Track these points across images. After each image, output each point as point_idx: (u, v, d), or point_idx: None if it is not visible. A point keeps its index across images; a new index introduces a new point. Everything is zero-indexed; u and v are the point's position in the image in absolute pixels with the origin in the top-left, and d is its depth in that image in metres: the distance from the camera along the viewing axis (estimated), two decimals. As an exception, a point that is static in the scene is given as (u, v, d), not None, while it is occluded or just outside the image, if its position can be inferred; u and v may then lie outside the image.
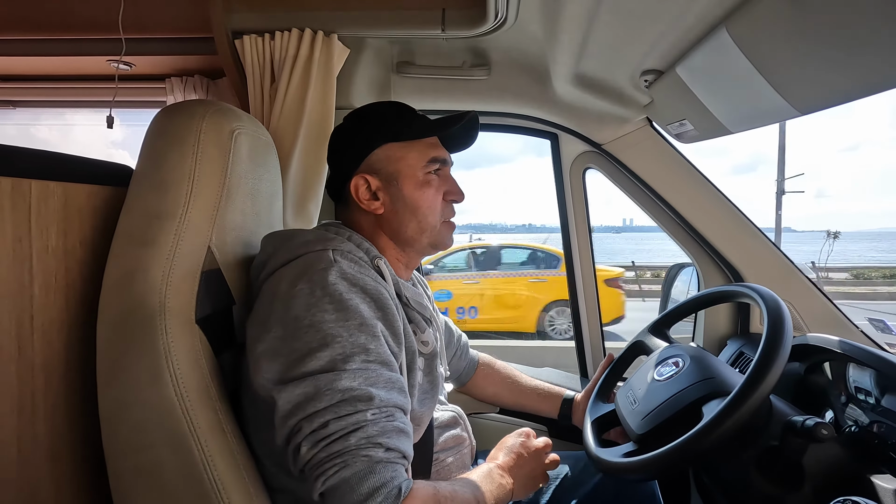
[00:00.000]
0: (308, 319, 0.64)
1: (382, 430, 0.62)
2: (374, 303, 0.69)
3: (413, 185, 0.81)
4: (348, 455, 0.60)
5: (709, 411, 0.74)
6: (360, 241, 0.79)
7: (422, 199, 0.82)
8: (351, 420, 0.61)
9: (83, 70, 1.45)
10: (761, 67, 0.76)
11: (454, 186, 0.87)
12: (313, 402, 0.61)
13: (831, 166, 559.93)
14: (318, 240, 0.74)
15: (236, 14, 1.15)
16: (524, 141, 38.65)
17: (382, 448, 0.61)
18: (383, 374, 0.65)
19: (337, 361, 0.63)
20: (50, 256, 0.67)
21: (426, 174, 0.82)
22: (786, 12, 0.65)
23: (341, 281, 0.67)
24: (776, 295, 0.82)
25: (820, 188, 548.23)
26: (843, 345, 0.91)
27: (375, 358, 0.65)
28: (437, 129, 0.83)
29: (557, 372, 1.49)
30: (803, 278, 1.26)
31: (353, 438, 0.60)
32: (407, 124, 0.83)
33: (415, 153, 0.82)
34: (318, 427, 0.61)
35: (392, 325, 0.70)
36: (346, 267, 0.70)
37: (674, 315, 1.07)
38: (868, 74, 0.65)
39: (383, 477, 0.60)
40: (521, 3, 1.00)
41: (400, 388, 0.68)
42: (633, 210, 1.48)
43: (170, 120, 0.74)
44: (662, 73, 1.04)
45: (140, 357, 0.65)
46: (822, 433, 0.71)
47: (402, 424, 0.65)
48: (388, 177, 0.82)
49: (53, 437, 0.68)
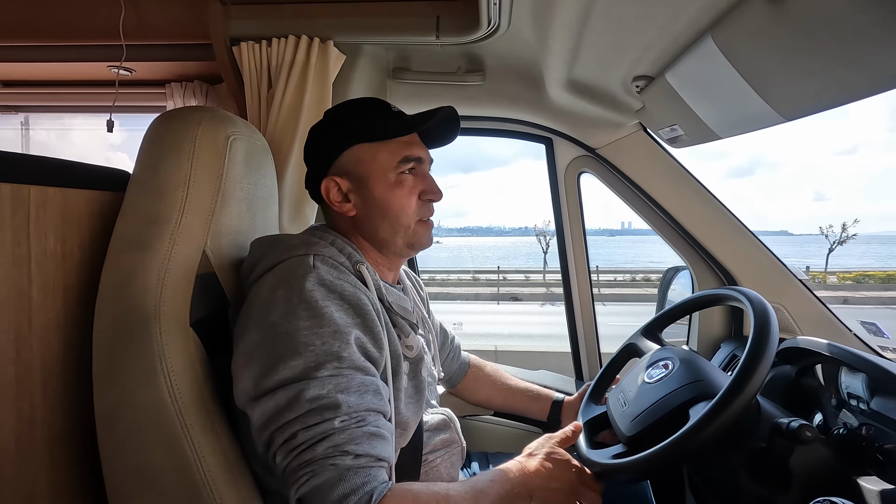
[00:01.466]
0: (284, 327, 0.65)
1: (350, 437, 0.62)
2: (353, 309, 0.70)
3: (384, 187, 0.80)
4: (316, 464, 0.60)
5: (695, 413, 0.75)
6: (343, 245, 0.79)
7: (393, 200, 0.80)
8: (318, 430, 0.61)
9: (84, 75, 1.48)
10: (746, 75, 0.77)
11: (430, 185, 0.84)
12: (284, 412, 0.62)
13: (829, 168, 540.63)
14: (301, 244, 0.75)
15: (234, 21, 1.17)
16: (522, 144, 39.37)
17: (350, 455, 0.61)
18: (355, 379, 0.65)
19: (309, 370, 0.63)
20: (48, 260, 0.68)
21: (398, 174, 0.80)
22: (769, 22, 0.66)
23: (318, 287, 0.68)
24: (763, 298, 0.83)
25: (818, 190, 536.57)
26: (833, 348, 0.92)
27: (349, 364, 0.65)
28: (409, 127, 0.81)
29: (552, 374, 1.49)
30: (796, 281, 1.27)
31: (319, 448, 0.61)
32: (379, 123, 0.81)
33: (385, 153, 0.80)
34: (289, 437, 0.62)
35: (371, 329, 0.71)
36: (325, 273, 0.70)
37: (665, 318, 1.08)
38: (850, 81, 0.66)
39: (353, 483, 0.60)
40: (513, 11, 1.02)
41: (374, 391, 0.67)
42: (632, 213, 1.48)
43: (166, 126, 0.75)
44: (653, 79, 1.06)
45: (135, 359, 0.67)
46: (807, 435, 0.72)
47: (376, 428, 0.65)
48: (358, 178, 0.80)
49: (51, 438, 0.69)
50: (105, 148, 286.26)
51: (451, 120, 0.86)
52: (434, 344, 0.98)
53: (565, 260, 1.54)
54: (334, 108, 0.87)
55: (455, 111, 0.84)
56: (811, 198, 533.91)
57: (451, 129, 0.88)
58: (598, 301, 1.62)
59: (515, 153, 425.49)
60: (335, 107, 0.87)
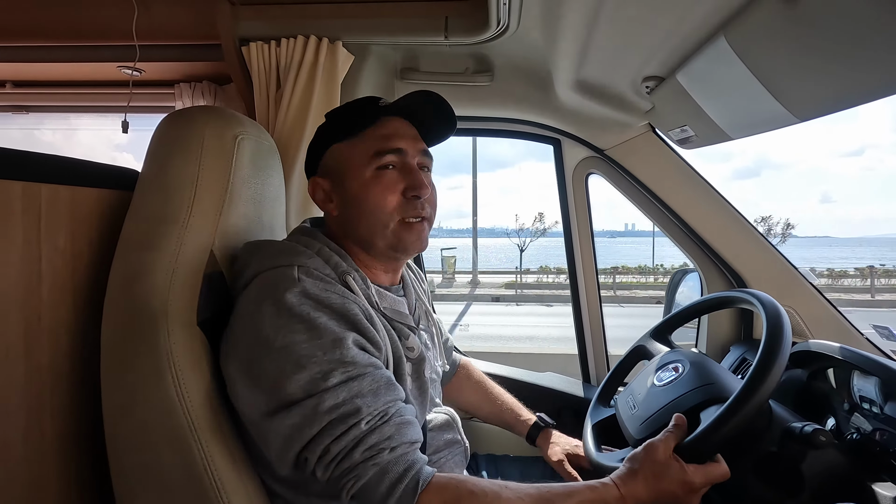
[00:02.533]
0: (279, 342, 0.63)
1: (381, 435, 0.63)
2: (343, 318, 0.68)
3: (358, 184, 0.76)
4: (359, 469, 0.62)
5: (706, 417, 0.75)
6: (330, 254, 0.76)
7: (368, 197, 0.75)
8: (349, 437, 0.62)
9: (95, 76, 1.49)
10: (759, 75, 0.76)
11: (414, 180, 0.76)
12: (304, 430, 0.62)
13: (836, 170, 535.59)
14: (284, 252, 0.73)
15: (244, 21, 1.18)
16: (525, 146, 38.74)
17: (386, 450, 0.63)
18: (365, 380, 0.65)
19: (317, 381, 0.62)
20: (58, 258, 0.69)
21: (375, 170, 0.76)
22: (782, 21, 0.65)
23: (306, 301, 0.66)
24: (776, 301, 0.82)
25: (825, 192, 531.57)
26: (846, 352, 0.91)
27: (355, 366, 0.65)
28: (376, 113, 0.77)
29: (560, 377, 1.49)
30: (806, 284, 1.26)
31: (356, 454, 0.62)
32: (356, 117, 0.79)
33: (360, 149, 0.77)
34: (322, 454, 0.62)
35: (366, 334, 0.69)
36: (310, 286, 0.68)
37: (675, 320, 1.07)
38: (865, 81, 0.65)
39: (396, 472, 0.62)
40: (522, 11, 1.01)
41: (386, 384, 0.67)
42: (635, 215, 1.48)
43: (174, 126, 0.76)
44: (663, 80, 1.05)
45: (143, 358, 0.67)
46: (821, 439, 0.71)
47: (400, 417, 0.66)
48: (337, 177, 0.79)
49: (59, 435, 0.70)
50: (110, 148, 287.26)
51: (442, 111, 0.81)
52: (437, 337, 0.96)
53: (573, 262, 1.53)
54: (332, 111, 0.86)
55: (437, 96, 0.79)
56: (818, 200, 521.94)
57: (446, 122, 0.83)
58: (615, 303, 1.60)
59: (518, 154, 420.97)
60: (332, 111, 0.86)
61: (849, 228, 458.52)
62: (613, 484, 0.69)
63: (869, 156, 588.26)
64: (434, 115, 0.82)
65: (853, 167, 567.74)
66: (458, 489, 0.64)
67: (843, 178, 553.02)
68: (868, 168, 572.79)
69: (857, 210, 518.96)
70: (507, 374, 1.44)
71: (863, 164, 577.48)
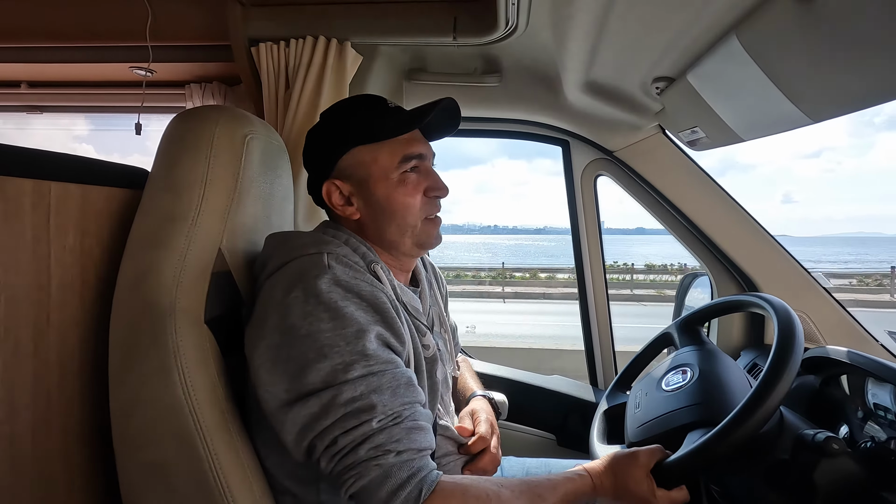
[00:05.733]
0: (305, 329, 0.64)
1: (390, 436, 0.63)
2: (371, 307, 0.68)
3: (387, 187, 0.78)
4: (361, 467, 0.61)
5: (688, 442, 0.75)
6: (357, 244, 0.77)
7: (397, 200, 0.78)
8: (358, 433, 0.62)
9: (106, 76, 1.51)
10: (772, 75, 0.75)
11: (435, 182, 0.81)
12: (321, 419, 0.62)
13: (797, 171, 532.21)
14: (314, 242, 0.73)
15: (253, 22, 1.19)
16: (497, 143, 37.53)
17: (393, 453, 0.62)
18: (386, 376, 0.65)
19: (338, 372, 0.63)
20: (67, 256, 0.69)
21: (401, 174, 0.78)
22: (796, 20, 0.64)
23: (336, 288, 0.66)
24: (788, 306, 0.81)
25: (787, 193, 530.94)
26: (860, 358, 0.89)
27: (377, 361, 0.65)
28: (408, 124, 0.78)
29: (567, 380, 1.47)
30: (819, 288, 1.24)
31: (361, 451, 0.61)
32: (378, 123, 0.79)
33: (386, 153, 0.78)
34: (330, 444, 0.62)
35: (392, 326, 0.69)
36: (341, 273, 0.68)
37: (703, 315, 1.04)
38: (880, 81, 0.64)
39: (400, 478, 0.61)
40: (531, 11, 1.01)
41: (406, 383, 0.67)
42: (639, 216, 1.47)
43: (184, 125, 0.76)
44: (674, 81, 1.04)
45: (150, 356, 0.67)
46: (834, 448, 0.69)
47: (413, 422, 0.65)
48: (359, 181, 0.79)
49: (67, 432, 0.70)
50: (70, 139, 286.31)
51: (451, 112, 0.83)
52: (450, 343, 0.96)
53: (581, 263, 1.52)
54: (329, 109, 0.85)
55: (455, 103, 0.82)
56: (780, 200, 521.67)
57: (452, 120, 0.86)
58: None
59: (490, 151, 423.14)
60: (330, 108, 0.85)
61: (808, 227, 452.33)
62: (588, 475, 0.75)
63: (827, 157, 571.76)
64: (442, 127, 0.86)
65: (813, 169, 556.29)
66: (464, 496, 0.64)
67: (804, 179, 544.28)
68: (827, 170, 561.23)
69: (817, 210, 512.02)
70: (514, 376, 1.43)
71: (822, 165, 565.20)
